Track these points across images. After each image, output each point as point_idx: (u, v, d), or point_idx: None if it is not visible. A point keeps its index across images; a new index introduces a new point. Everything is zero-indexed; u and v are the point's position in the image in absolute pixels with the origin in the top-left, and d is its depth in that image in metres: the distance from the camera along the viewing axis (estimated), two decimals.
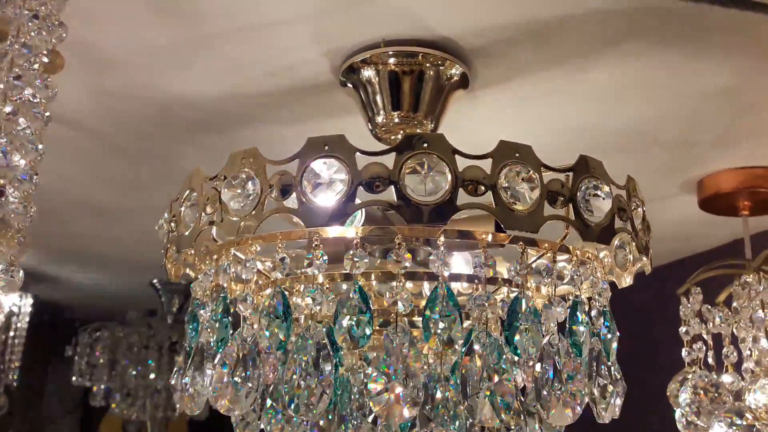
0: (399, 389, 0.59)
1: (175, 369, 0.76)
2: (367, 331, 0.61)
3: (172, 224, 0.76)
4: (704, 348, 1.03)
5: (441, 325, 0.61)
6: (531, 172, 0.64)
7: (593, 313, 0.71)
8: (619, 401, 0.71)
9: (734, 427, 0.89)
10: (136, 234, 1.93)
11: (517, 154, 0.64)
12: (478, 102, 1.04)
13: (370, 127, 0.95)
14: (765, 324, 0.87)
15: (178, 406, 0.75)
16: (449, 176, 0.62)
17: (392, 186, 0.61)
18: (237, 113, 1.11)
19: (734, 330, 1.04)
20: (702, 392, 0.98)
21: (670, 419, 1.18)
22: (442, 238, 0.64)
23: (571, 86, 1.01)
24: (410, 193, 0.61)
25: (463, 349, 0.62)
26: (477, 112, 1.06)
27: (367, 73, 0.93)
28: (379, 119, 0.93)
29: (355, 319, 0.61)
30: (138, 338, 2.25)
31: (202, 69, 0.98)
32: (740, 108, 1.07)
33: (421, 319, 0.64)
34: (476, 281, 0.68)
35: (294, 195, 0.64)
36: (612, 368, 0.71)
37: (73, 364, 2.32)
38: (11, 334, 2.30)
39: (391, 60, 0.91)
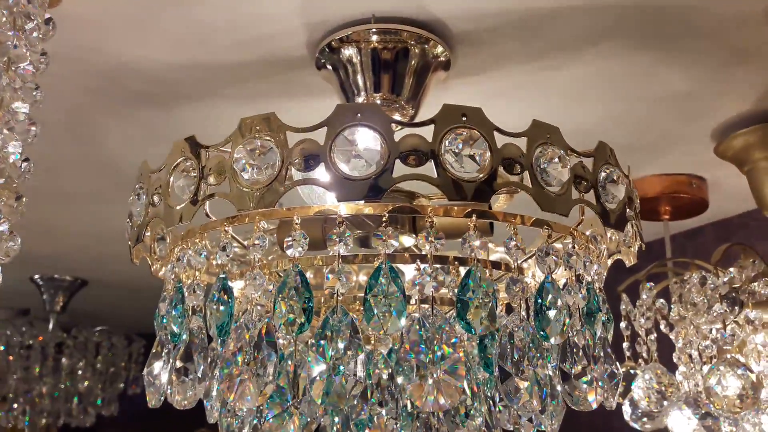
0: (435, 375, 0.56)
1: (150, 359, 0.68)
2: (403, 315, 0.56)
3: (154, 197, 0.67)
4: (654, 341, 1.08)
5: (478, 309, 0.58)
6: (562, 154, 0.62)
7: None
8: (617, 390, 0.72)
9: (692, 416, 0.93)
10: (25, 221, 1.73)
11: (548, 135, 0.63)
12: (449, 93, 1.02)
13: None
14: (723, 316, 0.92)
15: (153, 401, 0.67)
16: (488, 153, 0.59)
17: (431, 160, 0.58)
18: (189, 86, 1.02)
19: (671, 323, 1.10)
20: (657, 384, 1.02)
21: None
22: (473, 217, 0.61)
23: (542, 83, 1.02)
24: (450, 168, 0.58)
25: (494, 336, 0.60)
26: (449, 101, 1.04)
27: (348, 51, 0.88)
28: (359, 101, 0.89)
29: (388, 302, 0.56)
30: (19, 340, 2.02)
31: (164, 33, 0.89)
32: (686, 114, 1.13)
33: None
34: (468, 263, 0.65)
35: (320, 167, 0.58)
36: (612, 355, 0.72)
37: None
38: None
39: (375, 38, 0.87)
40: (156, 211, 0.67)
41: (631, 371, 1.14)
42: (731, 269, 0.97)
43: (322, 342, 0.56)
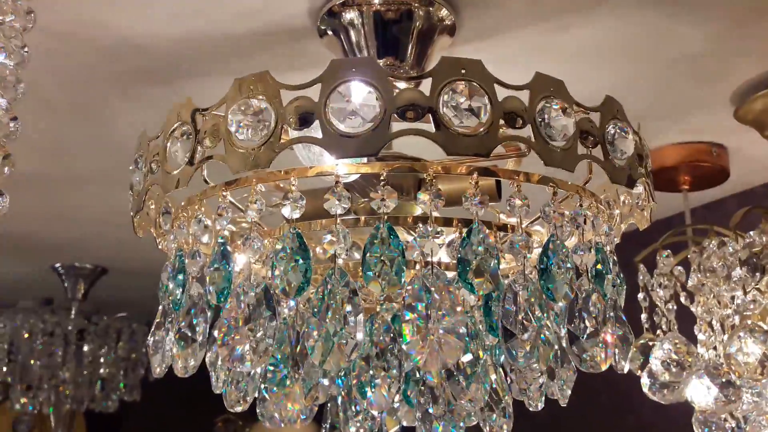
0: (436, 336, 0.54)
1: (153, 330, 0.67)
2: (403, 273, 0.55)
3: (152, 165, 0.66)
4: (672, 311, 1.05)
5: (479, 268, 0.56)
6: (567, 108, 0.60)
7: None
8: (629, 354, 0.70)
9: (713, 384, 0.90)
10: (44, 208, 1.74)
11: (551, 89, 0.61)
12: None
13: None
14: (743, 281, 0.89)
15: (157, 369, 0.67)
16: (488, 106, 0.57)
17: (429, 114, 0.56)
18: (193, 61, 1.01)
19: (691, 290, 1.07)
20: (675, 354, 0.99)
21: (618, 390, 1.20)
22: (475, 175, 0.59)
23: (551, 46, 0.99)
24: (449, 122, 0.56)
25: (499, 294, 0.58)
26: None
27: (350, 15, 0.86)
28: None
29: (387, 260, 0.55)
30: (42, 327, 2.05)
31: (163, 5, 0.88)
32: (702, 76, 1.10)
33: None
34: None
35: (315, 124, 0.57)
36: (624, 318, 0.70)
37: None
38: None
39: (377, 0, 0.85)
40: (155, 178, 0.66)
41: (650, 343, 1.12)
42: (751, 232, 0.94)
43: (321, 305, 0.55)
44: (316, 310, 0.55)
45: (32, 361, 2.00)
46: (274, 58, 0.98)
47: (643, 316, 1.12)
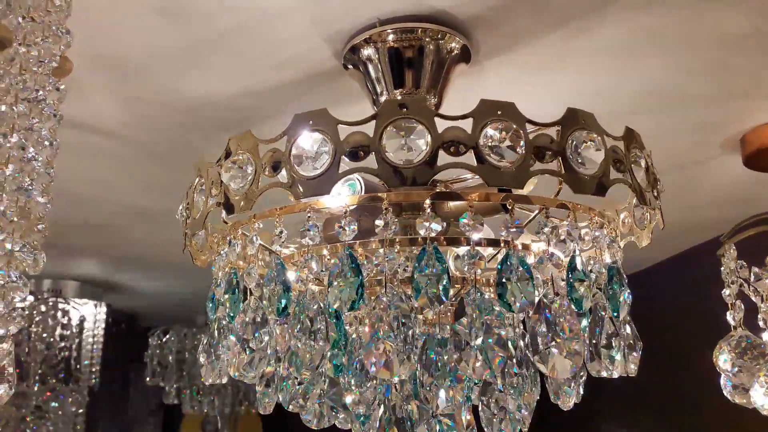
0: (393, 349, 0.61)
1: (201, 345, 0.81)
2: (357, 294, 0.63)
3: (187, 211, 0.80)
4: (742, 308, 1.00)
5: (430, 284, 0.62)
6: (514, 129, 0.64)
7: (596, 267, 0.71)
8: (633, 358, 0.71)
9: None
10: (174, 237, 2.01)
11: (499, 112, 0.65)
12: (484, 75, 1.04)
13: (375, 108, 0.97)
14: None
15: (204, 378, 0.80)
16: (428, 138, 0.63)
17: (373, 153, 0.63)
18: (254, 110, 1.15)
19: None
20: (742, 352, 0.95)
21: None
22: (428, 201, 0.65)
23: (578, 48, 0.99)
24: (390, 157, 0.63)
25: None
26: (484, 85, 1.06)
27: (367, 52, 0.94)
28: (383, 99, 0.95)
29: (345, 282, 0.63)
30: (200, 338, 2.35)
31: (217, 68, 1.03)
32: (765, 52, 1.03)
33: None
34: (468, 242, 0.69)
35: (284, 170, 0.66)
36: (624, 324, 0.71)
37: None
38: (89, 340, 2.44)
39: (390, 37, 0.92)
40: (189, 222, 0.80)
41: None
42: None
43: (293, 320, 0.65)
44: (293, 330, 0.65)
45: (197, 370, 2.30)
46: (320, 97, 1.09)
47: (728, 313, 1.07)
